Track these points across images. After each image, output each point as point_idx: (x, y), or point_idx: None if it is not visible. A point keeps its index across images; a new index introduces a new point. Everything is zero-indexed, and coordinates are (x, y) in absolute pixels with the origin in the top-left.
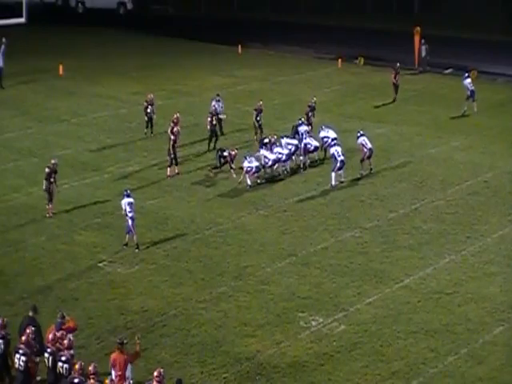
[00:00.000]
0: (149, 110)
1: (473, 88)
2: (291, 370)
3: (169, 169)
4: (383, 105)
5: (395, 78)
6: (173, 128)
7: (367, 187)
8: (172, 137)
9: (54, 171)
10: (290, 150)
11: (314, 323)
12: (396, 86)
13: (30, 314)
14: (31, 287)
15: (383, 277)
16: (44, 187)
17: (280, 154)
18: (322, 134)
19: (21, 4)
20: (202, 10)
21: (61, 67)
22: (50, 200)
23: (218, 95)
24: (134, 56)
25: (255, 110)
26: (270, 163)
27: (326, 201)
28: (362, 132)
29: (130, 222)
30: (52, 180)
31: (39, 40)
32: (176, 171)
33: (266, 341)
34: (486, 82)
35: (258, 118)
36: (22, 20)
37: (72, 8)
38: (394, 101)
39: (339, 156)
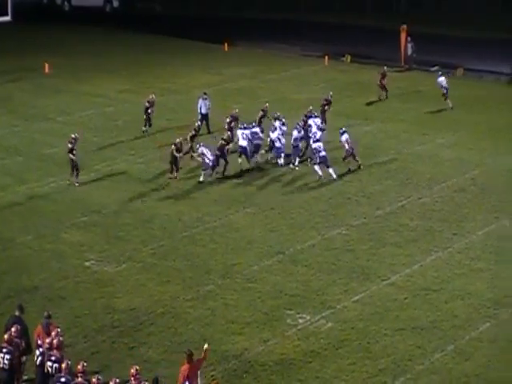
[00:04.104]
0: (149, 111)
1: (447, 85)
2: (278, 367)
3: (170, 175)
4: (370, 102)
5: (382, 80)
6: (192, 137)
7: (354, 184)
8: (173, 147)
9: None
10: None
11: (301, 321)
12: (383, 87)
13: (16, 313)
14: (18, 286)
15: (370, 274)
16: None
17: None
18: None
19: (6, 2)
20: (189, 8)
21: (46, 65)
22: (76, 171)
23: (205, 93)
24: (122, 54)
25: (262, 110)
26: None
27: (313, 198)
28: (344, 129)
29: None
30: (74, 153)
31: (25, 38)
32: (174, 175)
33: (254, 338)
34: (473, 79)
35: (263, 120)
36: (7, 18)
37: (58, 6)
38: (385, 98)
39: (320, 152)
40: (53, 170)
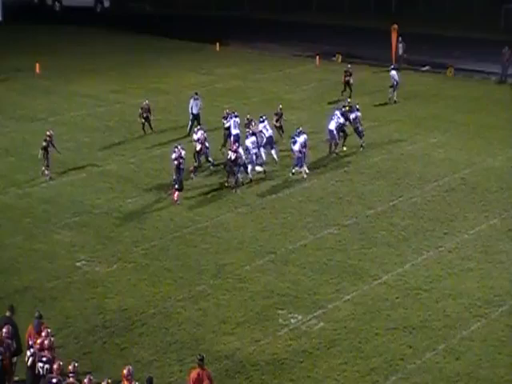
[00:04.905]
0: (145, 115)
1: (397, 78)
2: (270, 367)
3: (177, 193)
4: (361, 102)
5: (346, 77)
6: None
7: (345, 184)
8: (176, 162)
9: (50, 142)
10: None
11: (292, 320)
12: (348, 84)
13: (7, 314)
14: (8, 287)
15: (361, 274)
16: (40, 156)
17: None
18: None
19: None
20: (179, 8)
21: (37, 66)
22: (47, 165)
23: (196, 94)
24: (112, 54)
25: (275, 114)
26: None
27: (305, 198)
28: (301, 129)
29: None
30: (49, 149)
31: (16, 39)
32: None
33: (245, 338)
34: (463, 78)
35: (278, 124)
36: None
37: (49, 6)
38: (349, 97)
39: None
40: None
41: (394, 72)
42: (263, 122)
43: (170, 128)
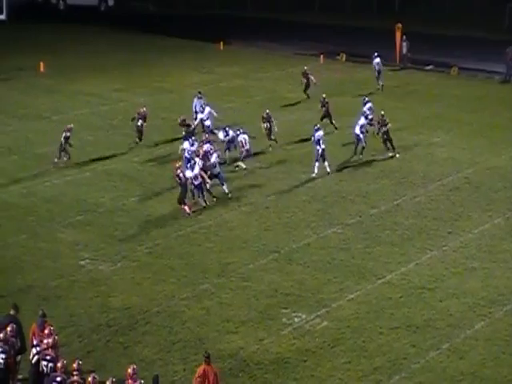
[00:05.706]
0: (139, 123)
1: (379, 68)
2: (274, 366)
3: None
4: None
5: (304, 78)
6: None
7: (349, 183)
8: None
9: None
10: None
11: (296, 319)
12: (306, 86)
13: (12, 312)
14: (12, 286)
15: (365, 273)
16: (60, 147)
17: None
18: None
19: (1, 1)
20: (182, 7)
21: (41, 64)
22: (59, 157)
23: (199, 93)
24: (115, 53)
25: (263, 118)
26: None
27: (308, 197)
28: (242, 130)
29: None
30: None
31: (20, 37)
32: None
33: (249, 337)
34: (467, 78)
35: (266, 126)
36: (2, 17)
37: (53, 5)
38: (307, 97)
39: (246, 145)
40: (47, 169)
41: (376, 61)
42: (227, 132)
43: (173, 127)
